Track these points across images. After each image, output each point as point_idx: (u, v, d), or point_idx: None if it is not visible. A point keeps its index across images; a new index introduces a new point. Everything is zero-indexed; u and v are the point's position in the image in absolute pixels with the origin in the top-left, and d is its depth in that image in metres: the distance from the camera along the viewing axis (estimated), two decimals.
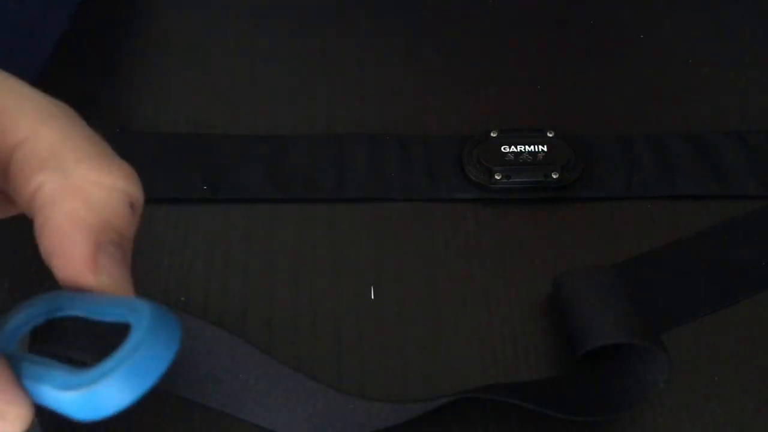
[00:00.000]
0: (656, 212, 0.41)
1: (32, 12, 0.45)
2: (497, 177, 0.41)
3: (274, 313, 0.38)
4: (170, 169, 0.42)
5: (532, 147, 0.42)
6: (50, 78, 0.45)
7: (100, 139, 0.23)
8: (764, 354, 0.37)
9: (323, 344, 0.37)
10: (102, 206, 0.22)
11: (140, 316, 0.21)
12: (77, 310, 0.22)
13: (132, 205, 0.23)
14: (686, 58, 0.48)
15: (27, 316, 0.22)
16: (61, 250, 0.21)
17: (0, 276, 0.38)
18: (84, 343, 0.22)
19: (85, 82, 0.46)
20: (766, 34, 0.49)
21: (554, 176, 0.41)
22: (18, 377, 0.20)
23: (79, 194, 0.21)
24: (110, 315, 0.21)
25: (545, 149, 0.42)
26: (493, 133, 0.43)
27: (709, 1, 0.51)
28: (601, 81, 0.47)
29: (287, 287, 0.39)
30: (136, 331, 0.20)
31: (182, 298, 0.38)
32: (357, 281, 0.39)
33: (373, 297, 0.38)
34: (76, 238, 0.21)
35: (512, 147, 0.42)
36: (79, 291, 0.22)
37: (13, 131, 0.22)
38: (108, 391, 0.20)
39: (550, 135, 0.42)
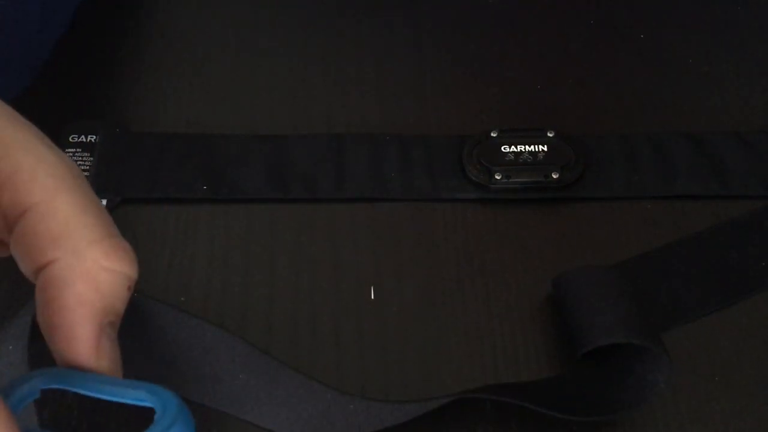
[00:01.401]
0: (656, 212, 0.41)
1: (32, 12, 0.45)
2: (497, 177, 0.41)
3: (273, 313, 0.38)
4: (170, 169, 0.42)
5: (532, 147, 0.42)
6: (50, 78, 0.45)
7: (106, 213, 0.23)
8: (764, 354, 0.37)
9: (323, 344, 0.37)
10: (108, 292, 0.23)
11: (165, 400, 0.22)
12: (87, 389, 0.22)
13: (129, 287, 0.23)
14: (686, 58, 0.48)
15: (30, 388, 0.22)
16: (67, 332, 0.22)
17: None
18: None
19: (85, 82, 0.46)
20: (766, 34, 0.49)
21: (554, 176, 0.41)
22: None
23: (89, 279, 0.22)
24: (127, 397, 0.22)
25: (545, 149, 0.42)
26: (493, 133, 0.43)
27: (709, 1, 0.51)
28: (601, 81, 0.47)
29: (287, 287, 0.39)
30: (166, 415, 0.21)
31: (182, 298, 0.38)
32: (357, 281, 0.39)
33: (373, 297, 0.38)
34: (83, 323, 0.22)
35: (512, 147, 0.42)
36: (77, 370, 0.22)
37: (27, 193, 0.22)
38: None
39: (551, 135, 0.42)
